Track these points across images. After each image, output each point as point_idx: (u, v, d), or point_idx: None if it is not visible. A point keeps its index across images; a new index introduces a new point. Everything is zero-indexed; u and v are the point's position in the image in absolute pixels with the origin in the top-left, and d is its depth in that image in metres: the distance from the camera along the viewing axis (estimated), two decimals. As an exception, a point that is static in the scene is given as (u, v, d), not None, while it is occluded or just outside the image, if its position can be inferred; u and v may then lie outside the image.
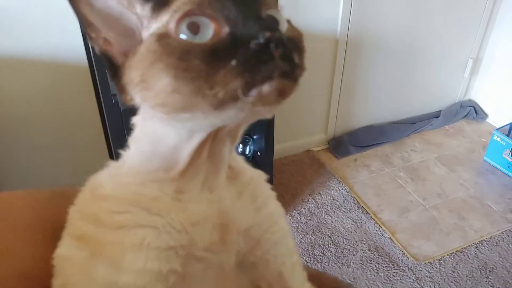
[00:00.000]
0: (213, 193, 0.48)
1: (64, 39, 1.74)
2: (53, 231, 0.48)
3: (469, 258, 1.93)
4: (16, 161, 1.93)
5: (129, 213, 0.45)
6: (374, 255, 1.95)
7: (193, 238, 0.46)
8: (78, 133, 1.98)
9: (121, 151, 0.49)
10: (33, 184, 1.99)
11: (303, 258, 1.94)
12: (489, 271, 1.87)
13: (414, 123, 2.81)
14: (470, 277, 1.85)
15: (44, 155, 1.97)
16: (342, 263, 1.92)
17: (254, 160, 1.98)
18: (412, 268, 1.89)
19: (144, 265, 0.43)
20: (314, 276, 0.60)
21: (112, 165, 0.50)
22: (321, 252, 1.96)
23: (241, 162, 0.56)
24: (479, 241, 2.01)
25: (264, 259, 0.52)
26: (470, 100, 2.99)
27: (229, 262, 0.49)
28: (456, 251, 1.97)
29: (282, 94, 0.39)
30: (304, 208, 2.19)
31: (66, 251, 0.46)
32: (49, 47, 1.74)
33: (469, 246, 1.99)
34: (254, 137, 1.94)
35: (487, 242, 2.00)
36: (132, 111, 0.54)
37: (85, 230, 0.46)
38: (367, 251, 1.97)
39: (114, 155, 1.59)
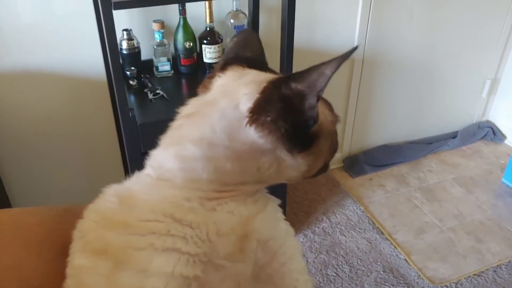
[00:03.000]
0: (247, 206, 0.52)
1: (82, 54, 1.77)
2: (63, 247, 0.50)
3: (487, 282, 1.88)
4: (32, 176, 1.95)
5: (161, 222, 0.47)
6: (389, 276, 1.92)
7: (215, 247, 0.48)
8: (94, 148, 2.00)
9: (152, 165, 0.54)
10: (49, 199, 2.00)
11: (316, 278, 1.91)
12: (508, 296, 1.83)
13: (431, 143, 2.78)
14: (488, 302, 1.81)
15: (61, 170, 1.99)
16: (356, 284, 1.89)
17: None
18: (428, 291, 1.86)
19: (173, 269, 0.45)
20: None
21: (140, 178, 0.53)
22: (335, 273, 1.94)
23: None
24: (497, 265, 1.96)
25: (281, 273, 0.53)
26: (488, 121, 2.96)
27: (246, 272, 0.50)
28: (474, 274, 1.92)
29: None
30: (318, 227, 2.17)
31: (86, 262, 0.47)
32: (68, 62, 1.77)
33: (486, 270, 1.94)
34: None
35: (506, 266, 1.96)
36: (149, 125, 0.58)
37: (108, 239, 0.47)
38: (382, 272, 1.94)
39: (129, 170, 1.60)
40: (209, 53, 1.80)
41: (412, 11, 2.31)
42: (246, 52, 0.62)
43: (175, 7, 1.73)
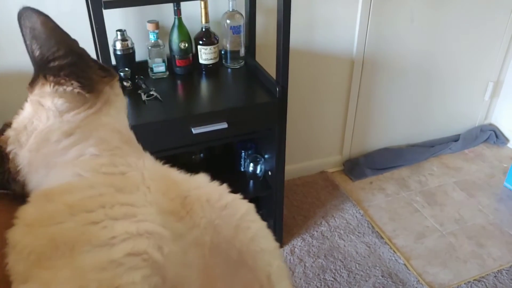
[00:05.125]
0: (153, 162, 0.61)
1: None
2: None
3: (488, 288, 1.85)
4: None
5: (105, 195, 0.48)
6: (388, 281, 1.88)
7: (162, 208, 0.50)
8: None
9: None
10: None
11: (313, 283, 1.88)
12: (509, 302, 1.79)
13: (432, 147, 2.74)
14: (489, 308, 1.77)
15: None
16: (354, 289, 1.86)
17: (265, 180, 1.95)
18: (427, 296, 1.82)
19: (137, 229, 0.44)
20: None
21: (52, 176, 0.55)
22: (333, 277, 1.91)
23: None
24: (498, 270, 1.92)
25: (252, 251, 0.55)
26: (490, 124, 2.92)
27: (205, 239, 0.51)
28: (474, 279, 1.89)
29: None
30: (317, 231, 2.14)
31: (41, 272, 0.43)
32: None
33: (487, 275, 1.91)
34: (266, 156, 1.91)
35: (507, 271, 1.92)
36: (141, 127, 0.59)
37: (52, 232, 0.44)
38: (380, 277, 1.91)
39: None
40: (204, 54, 1.78)
41: (413, 13, 2.29)
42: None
43: (170, 8, 1.71)
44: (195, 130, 1.53)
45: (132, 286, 0.41)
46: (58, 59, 0.55)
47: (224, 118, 1.57)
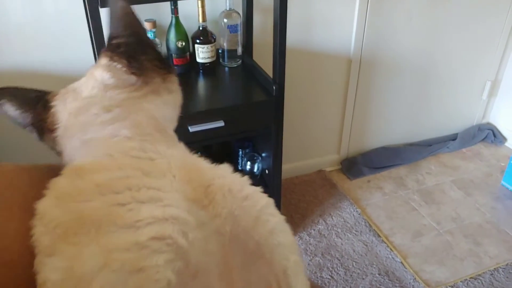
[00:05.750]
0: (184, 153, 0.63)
1: (74, 53, 1.76)
2: None
3: (484, 286, 1.85)
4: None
5: (133, 178, 0.48)
6: (384, 279, 1.89)
7: (186, 195, 0.50)
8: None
9: None
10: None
11: (310, 281, 1.88)
12: (505, 300, 1.80)
13: (430, 146, 2.75)
14: (485, 306, 1.77)
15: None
16: (350, 287, 1.86)
17: (262, 178, 1.96)
18: (424, 294, 1.83)
19: (163, 213, 0.45)
20: None
21: (87, 150, 0.57)
22: (330, 275, 1.91)
23: None
24: (494, 268, 1.93)
25: (270, 244, 0.55)
26: (488, 123, 2.93)
27: (225, 229, 0.51)
28: (470, 278, 1.89)
29: None
30: (314, 230, 2.15)
31: (64, 247, 0.44)
32: (60, 61, 1.77)
33: (484, 273, 1.91)
34: (263, 154, 1.92)
35: (503, 269, 1.92)
36: None
37: (80, 209, 0.45)
38: (377, 275, 1.91)
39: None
40: (202, 53, 1.78)
41: (411, 12, 2.29)
42: (31, 94, 0.66)
43: (167, 7, 1.72)
44: (192, 128, 1.53)
45: (155, 269, 0.42)
46: (120, 38, 0.59)
47: (221, 116, 1.58)
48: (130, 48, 0.59)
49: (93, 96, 0.57)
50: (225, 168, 0.57)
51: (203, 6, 1.72)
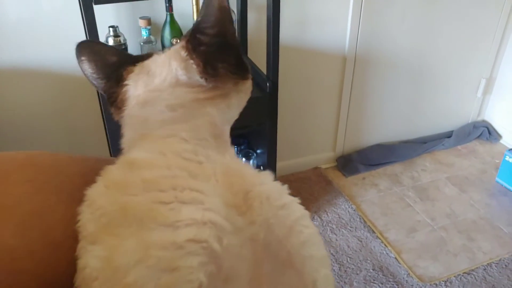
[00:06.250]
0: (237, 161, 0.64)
1: (70, 50, 1.77)
2: None
3: (477, 281, 1.87)
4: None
5: (178, 178, 0.49)
6: (378, 274, 1.91)
7: (226, 200, 0.51)
8: (83, 144, 2.00)
9: None
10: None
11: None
12: (497, 294, 1.81)
13: (425, 143, 2.77)
14: (477, 300, 1.79)
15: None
16: (345, 282, 1.88)
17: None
18: (417, 289, 1.84)
19: (202, 216, 0.45)
20: None
21: (143, 145, 0.57)
22: (324, 270, 1.92)
23: None
24: (487, 263, 1.95)
25: (301, 255, 0.55)
26: (483, 121, 2.94)
27: (259, 236, 0.51)
28: (464, 273, 1.91)
29: None
30: (309, 226, 2.16)
31: (109, 238, 0.46)
32: (56, 58, 1.78)
33: (477, 268, 1.93)
34: (258, 151, 1.93)
35: (496, 264, 1.94)
36: None
37: (125, 201, 0.47)
38: (371, 270, 1.93)
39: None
40: (196, 50, 1.80)
41: (405, 10, 2.31)
42: (109, 60, 0.64)
43: (162, 4, 1.73)
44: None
45: (189, 270, 0.43)
46: (205, 35, 0.57)
47: (215, 112, 1.59)
48: (210, 52, 0.58)
49: (163, 90, 0.58)
50: (267, 176, 0.57)
51: (197, 3, 1.74)
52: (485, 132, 2.85)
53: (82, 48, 0.66)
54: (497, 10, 2.55)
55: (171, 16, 1.73)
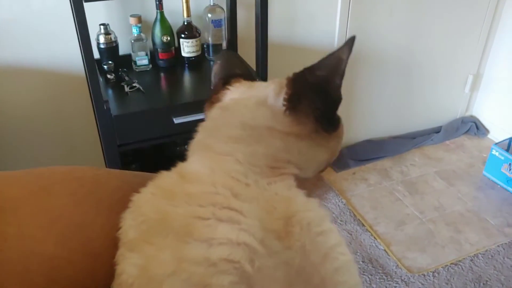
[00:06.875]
0: (291, 190, 0.60)
1: (62, 48, 1.80)
2: None
3: (464, 271, 1.91)
4: (14, 166, 1.98)
5: (221, 195, 0.50)
6: (368, 266, 1.94)
7: (265, 225, 0.50)
8: (75, 142, 2.02)
9: None
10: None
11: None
12: (483, 283, 1.85)
13: (415, 138, 2.81)
14: (464, 290, 1.83)
15: (41, 164, 2.01)
16: (335, 274, 1.91)
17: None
18: (406, 280, 1.88)
19: (237, 237, 0.46)
20: None
21: (199, 157, 0.58)
22: (315, 263, 1.96)
23: None
24: (474, 254, 1.99)
25: (334, 282, 0.55)
26: (471, 116, 2.99)
27: (294, 261, 0.51)
28: (451, 263, 1.95)
29: None
30: (300, 220, 2.19)
31: (147, 248, 0.47)
32: (48, 57, 1.80)
33: (464, 258, 1.97)
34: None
35: (483, 255, 1.98)
36: (124, 117, 0.61)
37: (166, 210, 0.48)
38: (361, 262, 1.96)
39: (106, 161, 1.63)
40: (187, 47, 1.83)
41: (392, 6, 2.35)
42: (234, 70, 0.68)
43: (152, 2, 1.76)
44: (176, 120, 1.58)
45: None
46: (311, 74, 0.57)
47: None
48: (306, 88, 0.57)
49: (247, 104, 0.58)
50: (313, 202, 0.57)
51: (187, 1, 1.76)
52: (473, 127, 2.90)
53: (222, 55, 0.72)
54: (483, 7, 2.59)
55: (161, 14, 1.76)
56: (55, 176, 0.53)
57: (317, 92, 0.57)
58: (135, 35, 1.75)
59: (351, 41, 0.55)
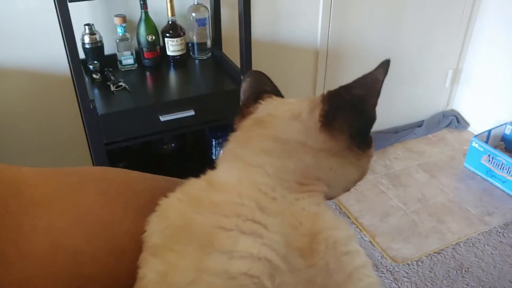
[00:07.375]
0: (319, 206, 0.57)
1: (47, 48, 1.81)
2: None
3: (446, 259, 1.96)
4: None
5: (246, 207, 0.49)
6: (354, 257, 1.98)
7: (289, 241, 0.50)
8: (62, 142, 2.03)
9: None
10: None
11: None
12: (465, 270, 1.91)
13: (397, 133, 2.87)
14: (447, 277, 1.88)
15: (27, 164, 2.02)
16: (321, 266, 1.95)
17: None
18: (391, 269, 1.93)
19: (258, 251, 0.45)
20: None
21: (228, 166, 0.57)
22: (302, 256, 2.00)
23: None
24: (456, 243, 2.05)
25: None
26: (452, 110, 3.06)
27: (316, 280, 0.51)
28: (434, 252, 2.00)
29: None
30: (287, 214, 2.23)
31: (170, 255, 0.48)
32: (33, 57, 1.81)
33: (446, 247, 2.03)
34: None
35: (464, 243, 2.04)
36: (110, 116, 0.61)
37: (191, 217, 0.49)
38: (347, 254, 2.00)
39: (93, 160, 1.65)
40: (172, 46, 1.85)
41: (373, 4, 2.40)
42: (264, 87, 0.68)
43: (136, 2, 1.78)
44: (162, 118, 1.60)
45: None
46: (347, 92, 0.57)
47: (191, 105, 1.65)
48: (342, 105, 0.56)
49: (280, 118, 0.57)
50: (341, 220, 0.56)
51: (171, 1, 1.79)
52: (454, 120, 2.97)
53: (251, 74, 0.72)
54: (461, 2, 2.66)
55: (146, 13, 1.78)
56: (87, 175, 0.55)
57: (354, 110, 0.56)
58: (120, 34, 1.77)
59: (386, 63, 0.56)
